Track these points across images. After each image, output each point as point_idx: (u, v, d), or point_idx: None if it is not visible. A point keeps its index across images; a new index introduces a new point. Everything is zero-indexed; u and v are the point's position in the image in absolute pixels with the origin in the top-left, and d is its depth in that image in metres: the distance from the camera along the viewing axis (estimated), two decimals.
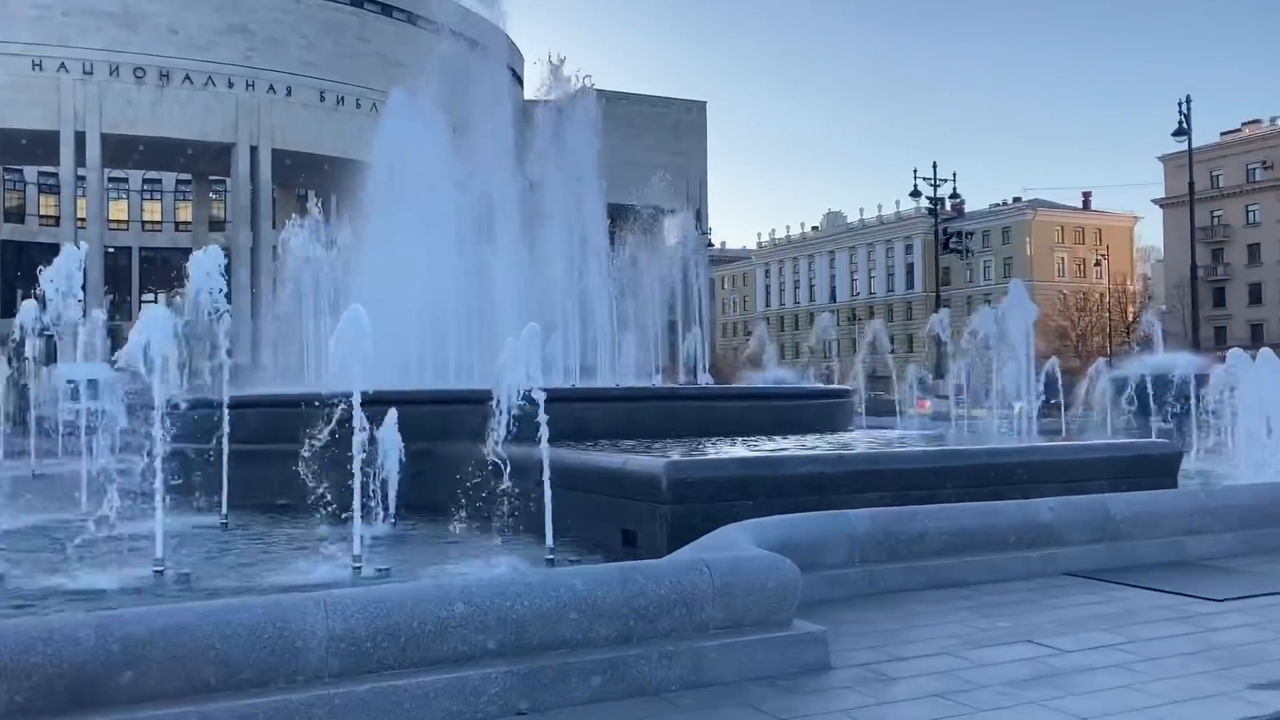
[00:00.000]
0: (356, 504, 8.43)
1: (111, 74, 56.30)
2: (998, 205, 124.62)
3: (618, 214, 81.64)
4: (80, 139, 55.42)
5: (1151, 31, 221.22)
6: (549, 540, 8.40)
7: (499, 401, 8.51)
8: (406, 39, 64.95)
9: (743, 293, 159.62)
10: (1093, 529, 8.76)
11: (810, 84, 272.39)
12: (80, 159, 55.71)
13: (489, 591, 5.05)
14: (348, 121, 59.21)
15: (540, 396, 8.56)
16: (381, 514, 10.88)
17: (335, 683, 4.61)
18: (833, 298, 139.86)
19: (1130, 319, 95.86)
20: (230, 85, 58.05)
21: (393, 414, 10.75)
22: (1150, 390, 20.50)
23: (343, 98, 61.65)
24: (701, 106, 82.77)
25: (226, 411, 11.85)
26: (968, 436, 18.63)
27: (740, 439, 13.76)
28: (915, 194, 48.70)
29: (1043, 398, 23.81)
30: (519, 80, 79.57)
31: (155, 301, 67.92)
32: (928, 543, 8.02)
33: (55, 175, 61.74)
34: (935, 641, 6.31)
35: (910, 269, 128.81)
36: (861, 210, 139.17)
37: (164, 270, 70.55)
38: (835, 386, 20.19)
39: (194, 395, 13.89)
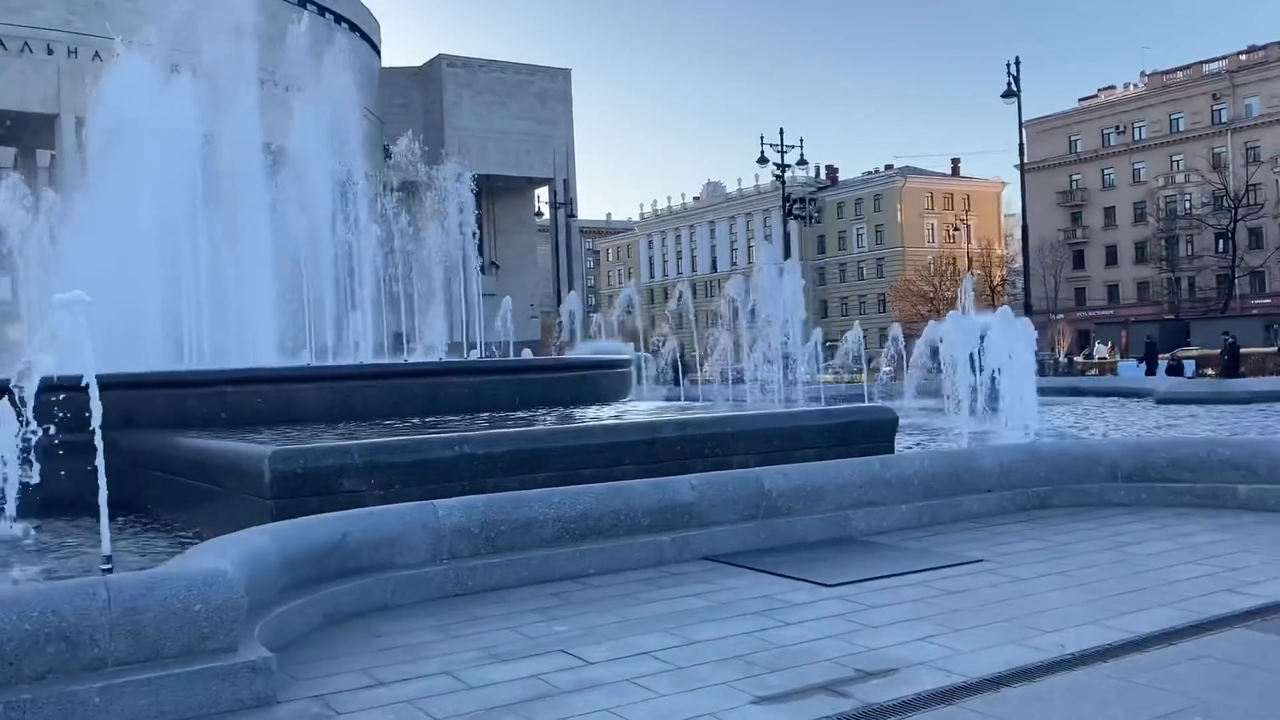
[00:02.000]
0: None
1: None
2: (870, 173, 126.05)
3: (482, 183, 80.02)
4: None
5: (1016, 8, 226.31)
6: (105, 545, 7.25)
7: (21, 386, 7.28)
8: (246, 2, 62.11)
9: (627, 264, 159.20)
10: (744, 506, 7.97)
11: (691, 53, 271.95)
12: None
13: None
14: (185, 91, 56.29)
15: (91, 379, 7.37)
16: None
17: None
18: (714, 267, 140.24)
19: (995, 282, 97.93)
20: (50, 52, 54.62)
21: (4, 403, 9.43)
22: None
23: (176, 65, 58.59)
24: (566, 74, 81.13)
25: None
26: (720, 406, 17.93)
27: (473, 416, 12.81)
28: (762, 160, 48.10)
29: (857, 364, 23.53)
30: (375, 47, 77.09)
31: None
32: (537, 532, 7.12)
33: None
34: (453, 657, 5.38)
35: (787, 238, 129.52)
36: (740, 180, 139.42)
37: None
38: (605, 357, 19.43)
39: None
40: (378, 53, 77.93)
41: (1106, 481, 9.34)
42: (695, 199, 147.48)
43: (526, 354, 27.56)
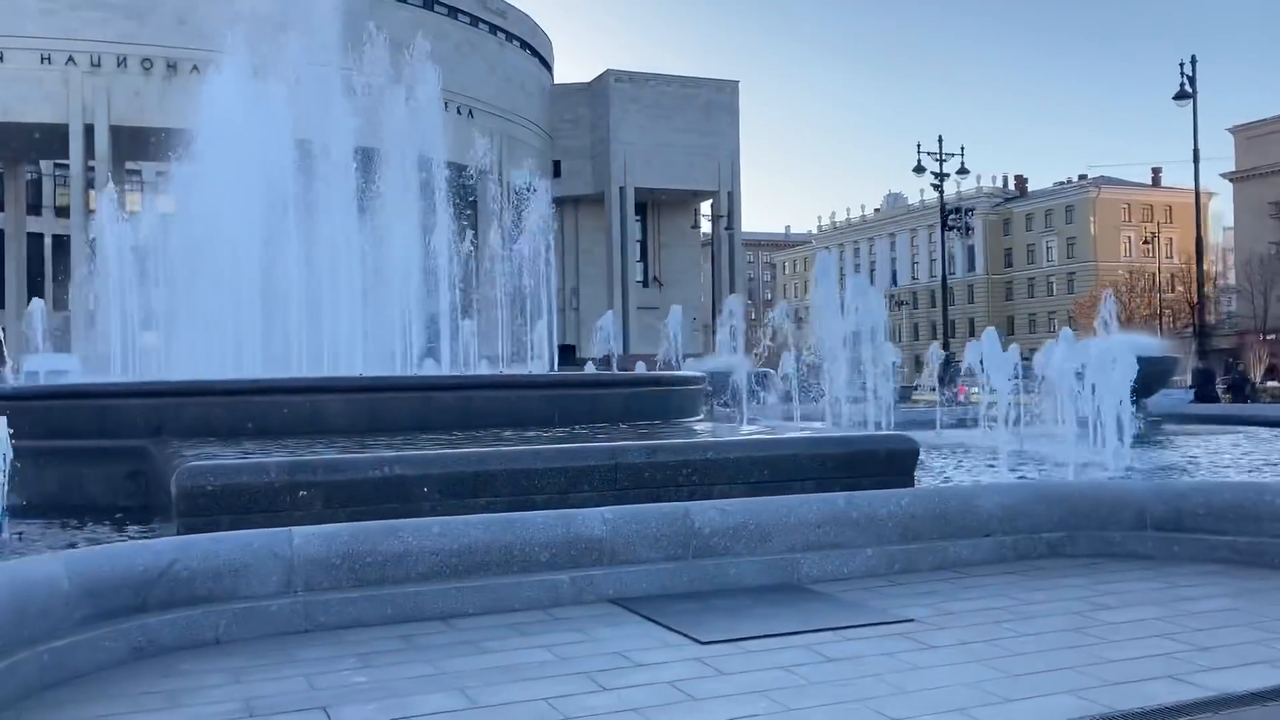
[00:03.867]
0: None
1: (119, 66, 56.58)
2: (1062, 183, 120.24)
3: (646, 197, 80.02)
4: (89, 131, 55.77)
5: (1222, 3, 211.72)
6: None
7: None
8: (421, 23, 64.45)
9: (805, 277, 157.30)
10: (669, 544, 7.14)
11: (872, 61, 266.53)
12: (90, 152, 56.04)
13: None
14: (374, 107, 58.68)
15: None
16: None
17: None
18: (894, 280, 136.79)
19: (1194, 299, 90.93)
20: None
21: None
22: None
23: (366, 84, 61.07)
24: (733, 86, 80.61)
25: None
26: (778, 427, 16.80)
27: (510, 431, 12.36)
28: (919, 170, 45.99)
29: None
30: (546, 65, 78.50)
31: None
32: (410, 565, 6.52)
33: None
34: (206, 709, 4.83)
35: (970, 251, 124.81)
36: (922, 191, 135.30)
37: None
38: (665, 374, 18.70)
39: None
40: (549, 70, 79.36)
41: (1132, 530, 8.01)
42: (875, 210, 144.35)
43: (640, 367, 27.03)
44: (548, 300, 27.48)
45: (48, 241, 70.32)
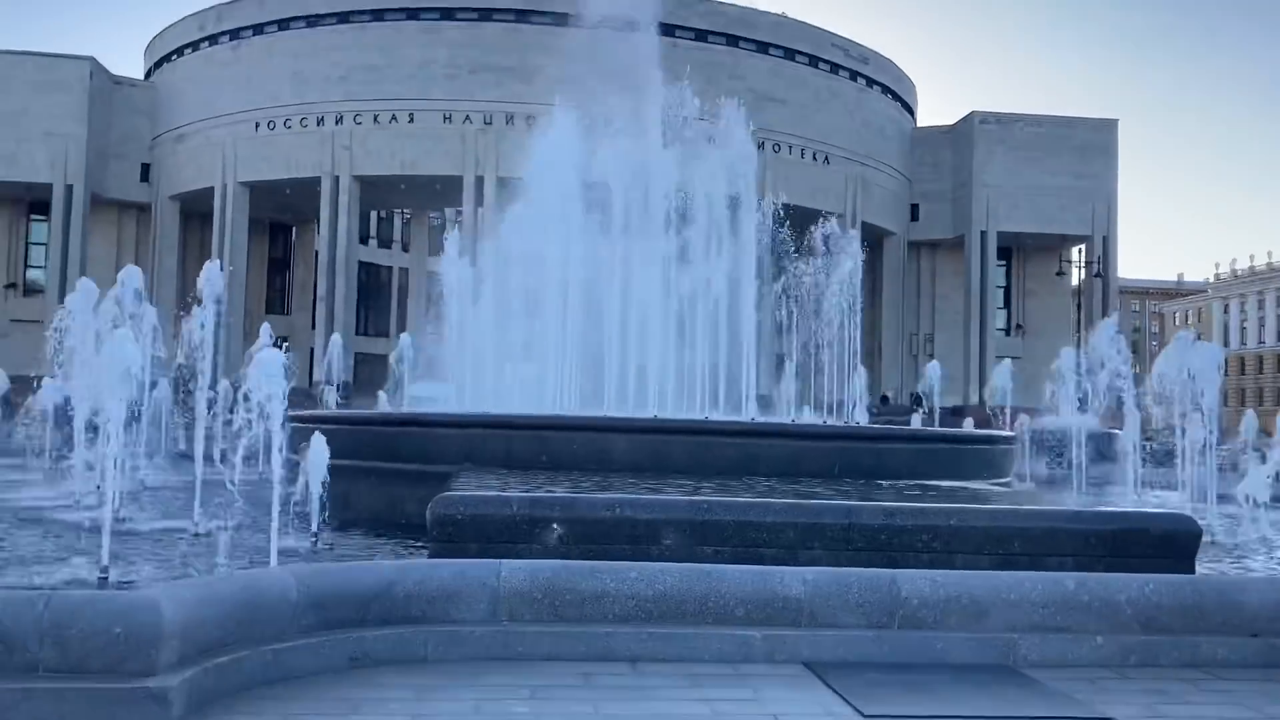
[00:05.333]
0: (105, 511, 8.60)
1: (507, 123, 62.22)
2: None
3: (1010, 242, 76.71)
4: (480, 183, 61.76)
5: None
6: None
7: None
8: (780, 73, 65.98)
9: (1198, 330, 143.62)
10: (872, 612, 6.97)
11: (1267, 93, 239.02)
12: (480, 200, 61.99)
13: None
14: (739, 162, 60.72)
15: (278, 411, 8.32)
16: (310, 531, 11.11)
17: None
18: None
19: None
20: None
21: (317, 435, 10.91)
22: None
23: (713, 137, 63.37)
24: (1112, 125, 75.58)
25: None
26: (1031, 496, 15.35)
27: (776, 480, 12.45)
28: None
29: None
30: (909, 109, 77.49)
31: None
32: (607, 605, 6.83)
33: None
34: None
35: None
36: None
37: None
38: (965, 431, 17.63)
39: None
40: (911, 114, 78.23)
41: None
42: None
43: (969, 424, 25.93)
44: (869, 347, 27.17)
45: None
